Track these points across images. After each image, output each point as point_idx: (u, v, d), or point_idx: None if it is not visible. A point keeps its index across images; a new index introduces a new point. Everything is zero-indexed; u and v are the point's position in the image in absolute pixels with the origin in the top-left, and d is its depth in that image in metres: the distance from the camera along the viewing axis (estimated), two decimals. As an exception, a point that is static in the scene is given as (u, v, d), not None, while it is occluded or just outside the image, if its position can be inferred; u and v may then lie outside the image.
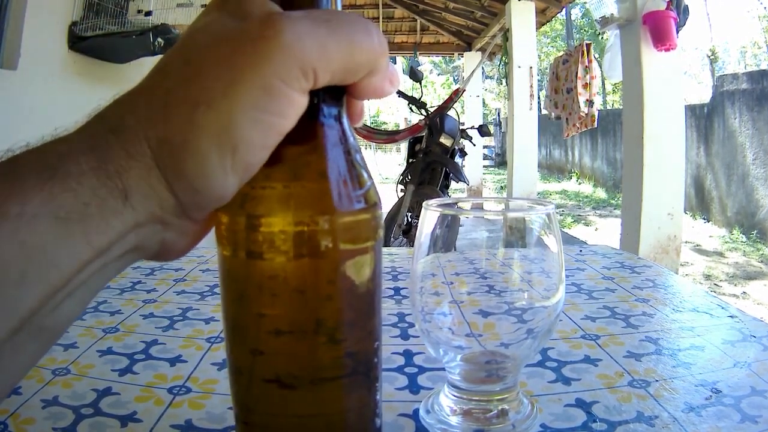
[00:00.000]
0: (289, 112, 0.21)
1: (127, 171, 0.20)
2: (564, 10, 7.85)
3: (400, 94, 3.84)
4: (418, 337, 0.48)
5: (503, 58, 5.50)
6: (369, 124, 7.50)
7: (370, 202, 0.24)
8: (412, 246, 0.36)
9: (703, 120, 5.41)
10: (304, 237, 0.23)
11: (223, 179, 0.21)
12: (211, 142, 0.20)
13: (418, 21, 7.61)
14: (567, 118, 4.70)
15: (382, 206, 0.25)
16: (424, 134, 3.66)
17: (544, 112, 5.55)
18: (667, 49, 2.78)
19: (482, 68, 8.73)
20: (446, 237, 0.33)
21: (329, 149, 0.24)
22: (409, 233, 3.48)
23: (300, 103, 0.21)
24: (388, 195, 3.86)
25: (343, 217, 0.23)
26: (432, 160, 3.48)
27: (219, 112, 0.20)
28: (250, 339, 0.24)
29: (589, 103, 4.44)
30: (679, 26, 2.81)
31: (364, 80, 0.23)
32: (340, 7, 0.25)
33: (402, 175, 3.74)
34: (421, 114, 3.76)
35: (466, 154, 3.81)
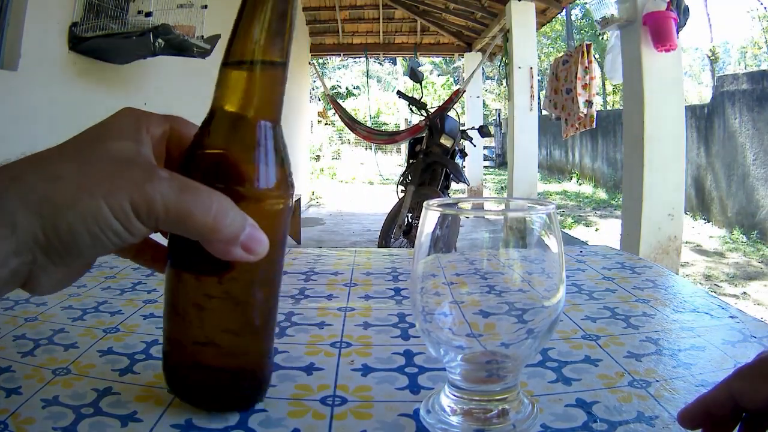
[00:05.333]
0: (108, 235, 0.27)
1: (16, 211, 0.26)
2: (564, 10, 7.86)
3: (401, 94, 3.85)
4: (419, 337, 0.48)
5: (503, 59, 5.51)
6: (369, 125, 7.50)
7: (272, 185, 0.31)
8: (413, 247, 0.36)
9: (704, 120, 5.41)
10: None
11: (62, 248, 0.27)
12: (72, 221, 0.27)
13: (419, 22, 7.62)
14: (566, 119, 4.70)
15: (291, 188, 0.33)
16: (424, 135, 3.66)
17: (543, 112, 5.55)
18: (668, 50, 2.78)
19: (482, 69, 8.72)
20: (447, 237, 0.33)
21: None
22: (409, 234, 3.48)
23: (128, 232, 0.28)
24: (389, 196, 3.86)
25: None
26: (432, 160, 3.48)
27: (74, 204, 0.27)
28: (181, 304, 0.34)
29: (588, 103, 4.44)
30: (680, 27, 2.82)
31: (213, 243, 0.29)
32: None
33: (402, 175, 3.74)
34: (422, 115, 3.77)
35: (466, 154, 3.82)
